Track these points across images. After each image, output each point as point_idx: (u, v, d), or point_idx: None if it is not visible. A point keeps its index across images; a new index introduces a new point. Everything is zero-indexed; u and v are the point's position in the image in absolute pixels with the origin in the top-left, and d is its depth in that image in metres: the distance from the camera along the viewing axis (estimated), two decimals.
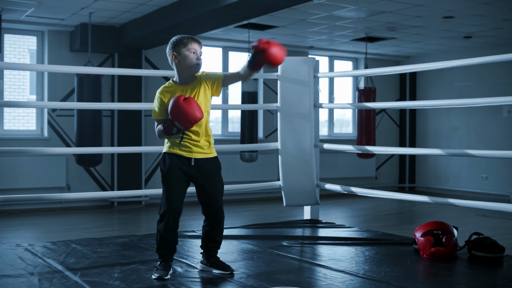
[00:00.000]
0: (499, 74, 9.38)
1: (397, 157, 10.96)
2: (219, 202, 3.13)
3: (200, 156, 3.07)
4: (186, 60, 3.02)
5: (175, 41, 3.07)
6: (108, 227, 6.69)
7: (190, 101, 2.92)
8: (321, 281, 3.01)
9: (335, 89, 10.38)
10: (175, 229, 3.07)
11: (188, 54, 3.02)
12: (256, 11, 6.02)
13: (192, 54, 3.03)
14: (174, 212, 3.04)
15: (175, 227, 3.06)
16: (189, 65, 3.03)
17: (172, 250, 3.09)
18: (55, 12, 7.06)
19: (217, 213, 3.13)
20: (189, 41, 3.04)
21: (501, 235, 5.72)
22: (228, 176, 8.65)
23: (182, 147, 3.04)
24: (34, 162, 7.70)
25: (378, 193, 4.47)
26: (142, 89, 8.33)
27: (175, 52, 3.04)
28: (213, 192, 3.11)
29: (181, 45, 3.03)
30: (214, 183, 3.12)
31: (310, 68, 4.81)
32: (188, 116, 2.89)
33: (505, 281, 3.07)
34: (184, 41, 3.04)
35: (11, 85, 7.98)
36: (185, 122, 2.91)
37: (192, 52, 3.03)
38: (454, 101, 4.11)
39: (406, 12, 7.04)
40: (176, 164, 3.04)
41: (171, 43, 3.08)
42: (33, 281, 2.94)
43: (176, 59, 3.04)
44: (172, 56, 3.06)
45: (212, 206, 3.11)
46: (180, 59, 3.03)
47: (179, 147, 3.05)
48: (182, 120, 2.90)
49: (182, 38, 3.06)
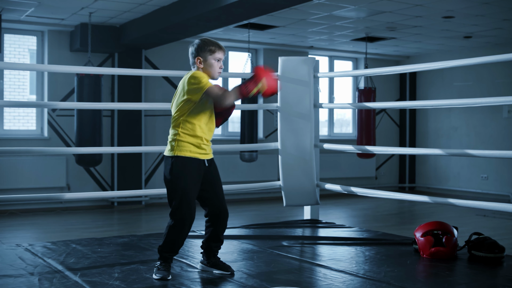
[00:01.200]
0: (499, 74, 9.38)
1: (397, 157, 10.96)
2: (224, 200, 3.17)
3: (210, 156, 3.12)
4: (210, 68, 3.04)
5: (202, 45, 3.03)
6: (108, 227, 6.69)
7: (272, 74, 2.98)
8: (321, 281, 3.01)
9: (335, 89, 10.38)
10: (187, 235, 3.08)
11: (214, 63, 3.04)
12: (256, 11, 6.02)
13: (217, 63, 3.04)
14: (192, 220, 3.03)
15: (188, 233, 3.07)
16: (212, 73, 3.05)
17: (176, 254, 3.10)
18: (55, 12, 7.06)
19: (224, 211, 3.15)
20: (216, 49, 3.03)
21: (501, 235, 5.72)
22: (228, 176, 8.65)
23: (198, 149, 3.02)
24: (34, 162, 7.70)
25: (378, 193, 4.47)
26: (142, 89, 8.33)
27: (201, 58, 3.03)
28: (220, 191, 3.15)
29: (208, 52, 3.02)
30: (220, 182, 3.17)
31: (310, 68, 4.81)
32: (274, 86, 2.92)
33: (505, 281, 3.07)
34: (212, 49, 3.02)
35: (11, 85, 7.98)
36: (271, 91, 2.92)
37: (217, 60, 3.04)
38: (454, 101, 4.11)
39: (406, 12, 7.04)
40: (194, 170, 3.02)
41: (198, 46, 3.04)
42: (33, 281, 2.94)
43: (201, 64, 3.04)
44: (197, 61, 3.04)
45: (220, 205, 3.13)
46: (205, 65, 3.04)
47: (196, 150, 3.02)
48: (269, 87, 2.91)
49: (210, 44, 3.03)
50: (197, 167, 3.03)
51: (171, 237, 3.02)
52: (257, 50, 9.49)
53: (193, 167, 3.02)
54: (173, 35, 7.32)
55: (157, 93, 8.57)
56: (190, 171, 3.00)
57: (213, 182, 3.12)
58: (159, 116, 8.59)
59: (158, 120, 8.59)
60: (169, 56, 8.66)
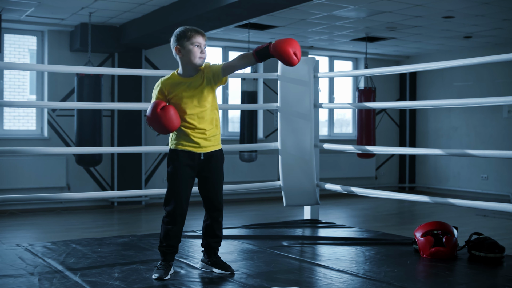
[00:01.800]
0: (499, 74, 9.38)
1: (397, 157, 10.96)
2: (219, 196, 3.14)
3: (208, 150, 3.07)
4: (190, 54, 2.98)
5: (178, 33, 3.01)
6: (108, 227, 6.69)
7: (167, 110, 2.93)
8: (321, 281, 3.01)
9: (335, 89, 10.38)
10: (181, 228, 3.07)
11: (192, 48, 2.98)
12: (256, 11, 6.02)
13: (196, 47, 2.98)
14: (183, 210, 3.04)
15: (181, 225, 3.06)
16: (193, 59, 3.00)
17: (175, 249, 3.08)
18: (55, 12, 7.06)
19: (217, 207, 3.13)
20: (193, 34, 2.99)
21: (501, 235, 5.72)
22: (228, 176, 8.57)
23: (190, 142, 3.02)
24: (34, 162, 7.70)
25: (378, 193, 4.47)
26: (142, 89, 8.33)
27: (179, 46, 3.00)
28: (215, 185, 3.12)
29: (184, 38, 2.98)
30: (217, 176, 3.13)
31: (310, 68, 4.80)
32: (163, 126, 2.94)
33: (505, 281, 3.07)
34: (188, 34, 2.98)
35: (11, 85, 7.98)
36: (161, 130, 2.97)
37: (196, 45, 2.99)
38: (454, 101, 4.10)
39: (406, 12, 7.04)
40: (185, 161, 3.02)
41: (175, 36, 3.02)
42: (33, 281, 2.94)
43: (180, 53, 3.00)
44: (176, 50, 3.02)
45: (213, 200, 3.12)
46: (184, 53, 2.99)
47: (187, 143, 3.02)
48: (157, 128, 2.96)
49: (185, 31, 3.00)
50: (190, 160, 3.03)
51: (163, 230, 3.04)
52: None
53: (185, 160, 3.02)
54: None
55: None
56: (181, 165, 3.02)
57: (208, 176, 3.10)
58: None
59: None
60: (169, 56, 8.59)
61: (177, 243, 3.08)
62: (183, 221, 3.07)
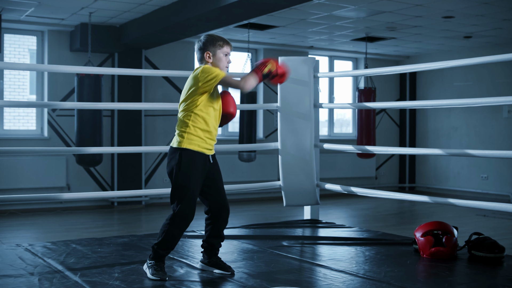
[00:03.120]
0: (499, 74, 9.38)
1: (397, 157, 10.96)
2: (226, 197, 3.20)
3: (213, 152, 3.15)
4: (219, 62, 3.10)
5: (211, 40, 3.10)
6: (108, 227, 6.69)
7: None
8: (321, 281, 3.01)
9: (335, 89, 10.37)
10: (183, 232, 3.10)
11: (222, 57, 3.11)
12: (256, 11, 6.02)
13: (225, 57, 3.12)
14: (193, 216, 3.05)
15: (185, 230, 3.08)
16: (220, 67, 3.11)
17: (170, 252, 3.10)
18: (55, 12, 7.06)
19: (226, 207, 3.18)
20: (225, 44, 3.12)
21: (501, 235, 5.72)
22: (227, 176, 8.63)
23: (206, 144, 3.05)
24: (34, 162, 7.70)
25: (378, 193, 4.47)
26: (142, 89, 8.33)
27: (210, 52, 3.09)
28: (222, 187, 3.18)
29: (217, 46, 3.09)
30: (221, 178, 3.20)
31: (310, 68, 4.81)
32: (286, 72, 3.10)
33: (505, 281, 3.07)
34: (221, 43, 3.10)
35: (11, 85, 7.98)
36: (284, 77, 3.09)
37: (225, 55, 3.12)
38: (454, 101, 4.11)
39: (406, 12, 7.04)
40: (199, 166, 3.04)
41: (207, 41, 3.10)
42: (33, 281, 2.94)
43: (210, 59, 3.10)
44: (206, 55, 3.09)
45: (222, 200, 3.16)
46: (214, 60, 3.10)
47: (203, 145, 3.04)
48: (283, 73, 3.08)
49: (218, 39, 3.11)
50: (203, 163, 3.05)
51: (171, 233, 3.01)
52: (257, 50, 9.49)
53: (200, 162, 3.03)
54: (173, 35, 7.32)
55: (157, 93, 8.57)
56: (196, 166, 3.02)
57: (215, 178, 3.14)
58: (159, 116, 8.59)
59: (158, 120, 8.59)
60: (169, 56, 8.65)
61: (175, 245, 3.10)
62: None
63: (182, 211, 3.00)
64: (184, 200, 3.00)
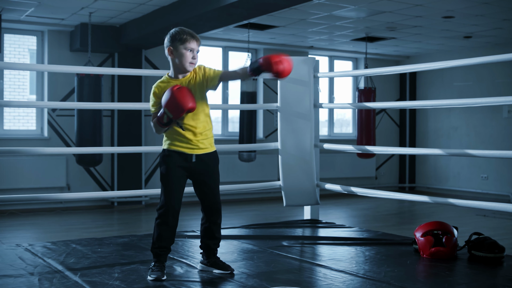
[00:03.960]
0: (499, 74, 9.38)
1: (397, 157, 10.96)
2: (217, 197, 3.13)
3: (201, 151, 3.06)
4: (181, 58, 2.97)
5: (173, 35, 2.99)
6: (108, 227, 6.69)
7: (182, 89, 2.92)
8: (321, 281, 3.01)
9: (335, 89, 10.38)
10: (173, 228, 3.06)
11: (184, 53, 2.97)
12: (256, 11, 6.02)
13: (188, 52, 2.97)
14: (174, 211, 3.03)
15: (174, 226, 3.05)
16: (183, 63, 2.99)
17: (168, 250, 3.07)
18: (55, 12, 7.06)
19: (215, 208, 3.13)
20: (188, 38, 2.97)
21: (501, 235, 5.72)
22: (227, 176, 8.65)
23: (182, 143, 3.02)
24: (34, 162, 7.70)
25: (378, 193, 4.47)
26: (142, 89, 8.33)
27: (172, 47, 2.99)
28: (212, 187, 3.11)
29: (179, 41, 2.97)
30: (213, 178, 3.12)
31: (310, 68, 4.80)
32: (179, 104, 2.87)
33: (505, 281, 3.07)
34: (183, 38, 2.96)
35: (11, 85, 7.98)
36: (176, 110, 2.88)
37: (189, 50, 2.97)
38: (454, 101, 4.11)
39: (406, 12, 7.04)
40: (176, 162, 3.03)
41: (170, 36, 3.01)
42: (33, 281, 2.94)
43: (172, 55, 3.00)
44: (168, 50, 3.01)
45: (210, 202, 3.12)
46: (176, 55, 2.98)
47: (179, 144, 3.03)
48: (172, 108, 2.88)
49: (181, 34, 2.97)
50: (179, 161, 3.03)
51: (157, 231, 3.03)
52: (257, 50, 9.49)
53: (173, 160, 3.03)
54: None
55: None
56: (170, 165, 3.03)
57: (205, 179, 3.10)
58: None
59: None
60: None
61: (170, 244, 3.07)
62: (176, 221, 3.07)
63: (163, 211, 3.02)
64: (163, 200, 3.04)
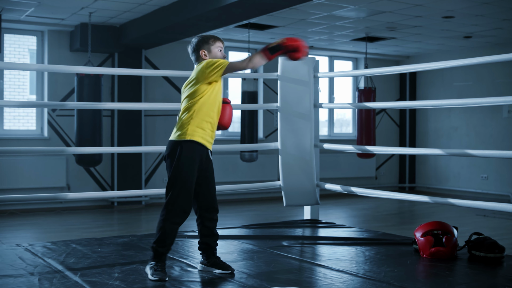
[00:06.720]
0: (499, 74, 9.38)
1: (397, 157, 10.96)
2: (215, 193, 3.20)
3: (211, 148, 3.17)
4: (216, 57, 3.19)
5: (202, 39, 3.21)
6: (108, 227, 6.69)
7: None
8: (321, 281, 3.01)
9: (335, 89, 10.37)
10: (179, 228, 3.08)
11: (217, 52, 3.21)
12: (256, 11, 6.02)
13: (220, 52, 3.22)
14: (186, 214, 3.03)
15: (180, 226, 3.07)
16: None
17: (169, 250, 3.08)
18: (55, 12, 7.06)
19: (216, 205, 3.17)
20: (216, 40, 3.22)
21: (501, 235, 5.72)
22: (228, 176, 8.65)
23: (206, 136, 3.08)
24: (34, 162, 7.70)
25: (378, 193, 4.47)
26: (142, 89, 8.33)
27: (205, 50, 3.19)
28: (212, 183, 3.17)
29: (209, 44, 3.19)
30: (213, 174, 3.19)
31: (310, 68, 4.81)
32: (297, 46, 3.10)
33: (505, 281, 3.07)
34: (212, 39, 3.21)
35: (11, 85, 7.98)
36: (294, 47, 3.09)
37: (219, 49, 3.22)
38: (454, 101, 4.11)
39: (406, 12, 7.04)
40: (198, 155, 3.05)
41: (199, 41, 3.20)
42: (33, 281, 2.94)
43: (206, 56, 3.19)
44: (202, 54, 3.18)
45: (212, 198, 3.15)
46: (210, 56, 3.19)
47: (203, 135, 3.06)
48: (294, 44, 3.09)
49: (209, 37, 3.22)
50: (202, 156, 3.07)
51: (167, 229, 2.99)
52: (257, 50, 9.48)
53: (198, 154, 3.05)
54: (173, 35, 7.32)
55: (157, 93, 8.57)
56: (196, 158, 3.03)
57: (208, 176, 3.13)
58: (159, 116, 8.59)
59: (158, 120, 8.59)
60: (169, 56, 8.65)
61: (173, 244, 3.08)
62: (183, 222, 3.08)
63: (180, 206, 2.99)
64: (181, 193, 2.99)
